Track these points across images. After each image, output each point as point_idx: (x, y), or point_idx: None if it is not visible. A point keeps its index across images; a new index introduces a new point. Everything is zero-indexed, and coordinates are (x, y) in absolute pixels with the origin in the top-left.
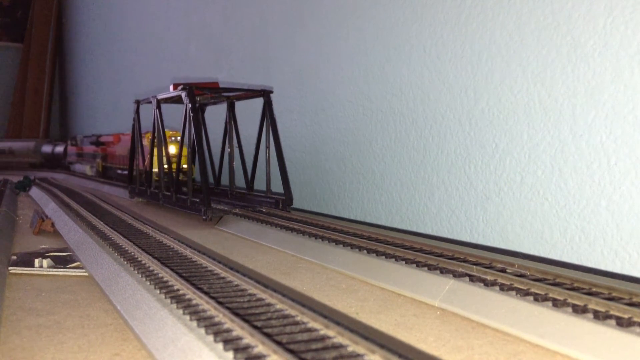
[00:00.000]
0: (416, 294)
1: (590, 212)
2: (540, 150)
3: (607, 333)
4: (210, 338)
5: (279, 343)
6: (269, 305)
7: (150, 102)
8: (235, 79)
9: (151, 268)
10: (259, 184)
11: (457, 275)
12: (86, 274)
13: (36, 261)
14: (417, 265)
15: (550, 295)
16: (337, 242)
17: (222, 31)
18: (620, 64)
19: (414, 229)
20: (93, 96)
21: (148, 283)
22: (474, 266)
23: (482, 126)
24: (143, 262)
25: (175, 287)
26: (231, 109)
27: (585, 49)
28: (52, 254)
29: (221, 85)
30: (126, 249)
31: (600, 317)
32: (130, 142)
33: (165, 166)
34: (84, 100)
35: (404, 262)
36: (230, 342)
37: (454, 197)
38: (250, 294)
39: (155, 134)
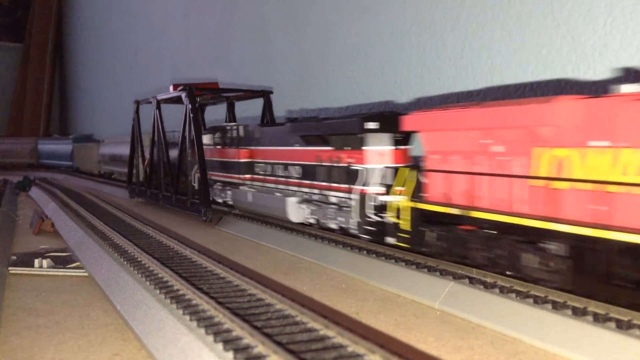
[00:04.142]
0: (416, 295)
1: None
2: None
3: (607, 335)
4: (210, 338)
5: (279, 343)
6: (269, 305)
7: (150, 102)
8: (235, 79)
9: (151, 268)
10: None
11: (457, 277)
12: (86, 274)
13: (36, 261)
14: (417, 267)
15: (550, 297)
16: (337, 242)
17: (222, 31)
18: (620, 64)
19: None
20: (93, 96)
21: (148, 283)
22: (474, 268)
23: None
24: (143, 262)
25: (175, 287)
26: (231, 109)
27: (585, 49)
28: (52, 254)
29: (221, 86)
30: (126, 249)
31: (600, 319)
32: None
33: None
34: (84, 99)
35: (403, 264)
36: (230, 342)
37: None
38: (250, 294)
39: (156, 134)
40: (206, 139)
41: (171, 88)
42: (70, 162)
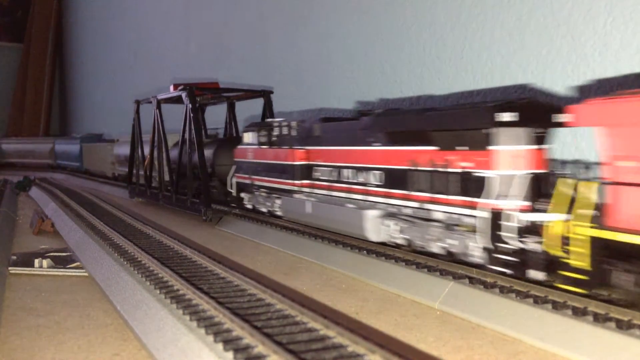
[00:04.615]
0: (416, 295)
1: None
2: None
3: (607, 335)
4: (210, 338)
5: (279, 343)
6: (269, 305)
7: (151, 102)
8: (235, 78)
9: (151, 268)
10: None
11: (457, 277)
12: (86, 274)
13: (36, 261)
14: (417, 267)
15: (550, 297)
16: (337, 242)
17: (222, 31)
18: (620, 64)
19: None
20: (93, 95)
21: (148, 283)
22: (474, 268)
23: None
24: (143, 262)
25: (175, 287)
26: (231, 109)
27: (585, 49)
28: (52, 254)
29: (221, 86)
30: (126, 249)
31: (600, 319)
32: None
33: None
34: (84, 99)
35: (403, 264)
36: (230, 342)
37: None
38: (250, 294)
39: (156, 134)
40: (248, 137)
41: (171, 88)
42: (78, 163)
